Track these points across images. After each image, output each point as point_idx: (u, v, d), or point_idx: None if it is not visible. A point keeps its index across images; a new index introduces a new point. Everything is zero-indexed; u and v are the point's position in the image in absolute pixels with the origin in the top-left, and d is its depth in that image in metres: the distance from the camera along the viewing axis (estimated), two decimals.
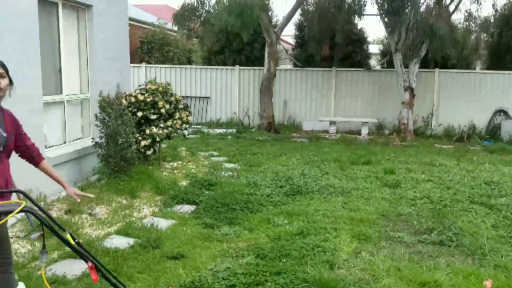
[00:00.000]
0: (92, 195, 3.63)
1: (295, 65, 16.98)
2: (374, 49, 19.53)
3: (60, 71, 7.23)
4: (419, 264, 4.80)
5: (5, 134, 3.17)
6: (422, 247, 5.31)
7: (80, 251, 2.95)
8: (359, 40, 17.29)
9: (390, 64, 15.39)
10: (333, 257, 4.86)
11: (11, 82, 3.17)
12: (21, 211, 2.69)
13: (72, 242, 2.95)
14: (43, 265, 2.98)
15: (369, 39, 18.43)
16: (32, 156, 3.43)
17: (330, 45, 15.82)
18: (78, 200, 3.56)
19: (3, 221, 2.71)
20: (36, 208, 3.03)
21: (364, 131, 14.24)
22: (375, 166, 9.61)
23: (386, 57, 16.39)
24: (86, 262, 2.91)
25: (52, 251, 4.73)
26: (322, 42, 15.39)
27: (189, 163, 9.35)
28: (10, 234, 3.55)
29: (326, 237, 5.42)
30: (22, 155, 3.43)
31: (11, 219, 2.97)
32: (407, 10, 12.97)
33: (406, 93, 14.03)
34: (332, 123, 14.56)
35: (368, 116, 15.24)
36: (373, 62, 18.76)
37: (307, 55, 16.66)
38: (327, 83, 15.83)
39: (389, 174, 8.84)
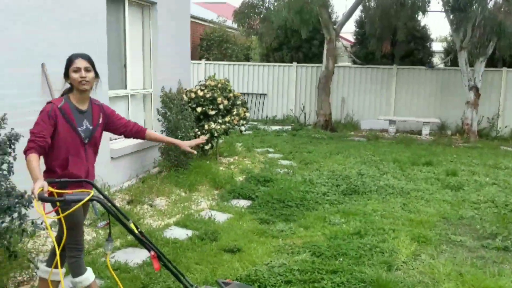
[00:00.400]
0: (203, 138, 3.75)
1: (354, 62, 16.71)
2: (437, 46, 18.88)
3: (125, 66, 7.50)
4: (482, 269, 4.61)
5: (91, 127, 3.28)
6: (486, 252, 5.11)
7: (143, 240, 3.05)
8: (422, 37, 16.80)
9: (453, 63, 14.83)
10: (391, 258, 4.76)
11: (97, 75, 3.28)
12: (89, 200, 2.83)
13: (135, 231, 3.06)
14: (108, 253, 3.10)
15: (432, 36, 17.87)
16: (135, 132, 3.54)
17: (391, 42, 15.46)
18: (194, 152, 3.76)
19: (73, 209, 2.85)
20: (102, 197, 3.17)
21: (425, 131, 13.81)
22: (436, 167, 9.31)
23: (450, 55, 15.83)
24: (149, 251, 3.00)
25: (115, 239, 4.90)
26: (383, 39, 15.09)
27: (245, 159, 9.44)
28: None
29: (384, 238, 5.32)
30: (126, 135, 3.55)
31: None
32: (474, 6, 12.46)
33: (470, 93, 13.50)
34: (391, 122, 14.23)
35: (429, 116, 14.76)
36: (436, 60, 18.14)
37: (367, 52, 16.40)
38: (387, 81, 15.46)
39: (451, 176, 8.54)
